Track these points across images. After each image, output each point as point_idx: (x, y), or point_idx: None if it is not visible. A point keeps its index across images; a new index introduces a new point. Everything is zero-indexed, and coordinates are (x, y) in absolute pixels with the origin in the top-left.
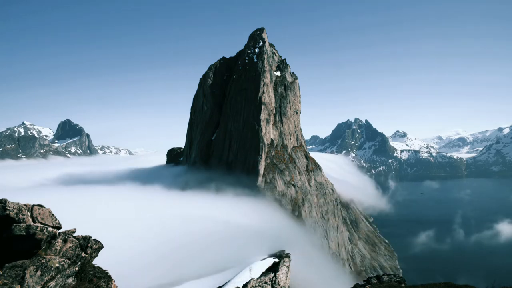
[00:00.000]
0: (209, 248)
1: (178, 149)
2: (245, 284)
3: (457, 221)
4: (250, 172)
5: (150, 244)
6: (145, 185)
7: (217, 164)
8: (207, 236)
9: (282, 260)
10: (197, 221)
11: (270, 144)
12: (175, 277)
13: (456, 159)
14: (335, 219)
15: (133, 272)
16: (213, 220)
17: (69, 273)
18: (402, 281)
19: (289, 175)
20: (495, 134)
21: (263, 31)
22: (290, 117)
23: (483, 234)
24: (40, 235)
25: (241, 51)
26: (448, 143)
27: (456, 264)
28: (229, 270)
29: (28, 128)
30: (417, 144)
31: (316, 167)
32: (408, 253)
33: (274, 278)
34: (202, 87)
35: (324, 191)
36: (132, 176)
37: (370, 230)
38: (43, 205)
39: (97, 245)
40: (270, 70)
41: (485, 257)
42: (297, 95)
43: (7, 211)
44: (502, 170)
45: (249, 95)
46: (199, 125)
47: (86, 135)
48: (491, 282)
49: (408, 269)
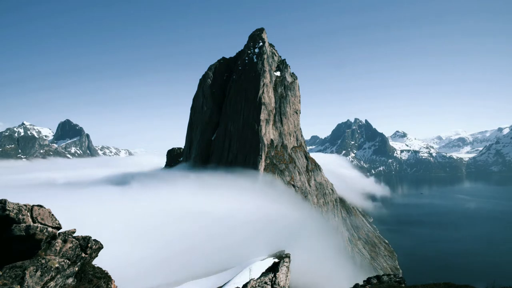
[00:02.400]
0: (208, 248)
1: (178, 149)
2: (245, 284)
3: (457, 221)
4: (250, 172)
5: (149, 244)
6: (145, 185)
7: (217, 164)
8: (206, 236)
9: (282, 260)
10: (196, 221)
11: (270, 144)
12: (175, 277)
13: (456, 159)
14: (335, 219)
15: (132, 272)
16: (213, 220)
17: (69, 273)
18: (402, 281)
19: (289, 175)
20: (495, 134)
21: (263, 31)
22: (290, 117)
23: (483, 234)
24: (40, 236)
25: (241, 51)
26: (448, 143)
27: (456, 264)
28: (229, 270)
29: (28, 128)
30: (417, 144)
31: (316, 167)
32: (408, 253)
33: (274, 278)
34: (202, 87)
35: (324, 191)
36: (132, 176)
37: (370, 230)
38: (43, 206)
39: (97, 245)
40: (270, 70)
41: (485, 257)
42: (297, 95)
43: (7, 211)
44: (502, 170)
45: (249, 95)
46: (199, 125)
47: (86, 135)
48: (491, 282)
49: (408, 269)
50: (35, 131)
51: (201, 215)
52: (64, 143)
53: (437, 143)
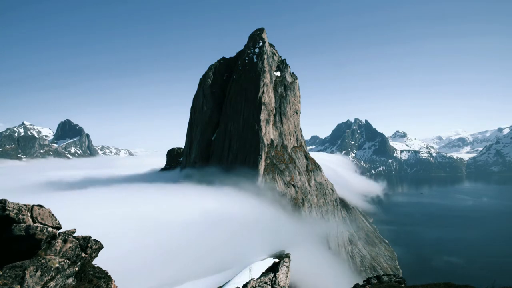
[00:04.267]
0: (208, 248)
1: (178, 149)
2: (245, 284)
3: (457, 221)
4: (250, 172)
5: (149, 244)
6: (145, 185)
7: (217, 164)
8: (206, 236)
9: (282, 260)
10: (196, 221)
11: (270, 144)
12: (175, 277)
13: (456, 159)
14: (335, 219)
15: (133, 273)
16: (213, 220)
17: (69, 273)
18: (402, 281)
19: (289, 175)
20: (495, 134)
21: (263, 31)
22: (290, 117)
23: (483, 234)
24: (40, 235)
25: (241, 51)
26: (448, 143)
27: (456, 264)
28: (229, 270)
29: (28, 128)
30: (417, 144)
31: (316, 167)
32: (408, 253)
33: (274, 278)
34: (202, 87)
35: (324, 191)
36: (132, 176)
37: (370, 230)
38: (43, 205)
39: (97, 245)
40: (270, 70)
41: (485, 257)
42: (297, 95)
43: (7, 211)
44: (502, 171)
45: (249, 95)
46: (199, 125)
47: (86, 135)
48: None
49: (408, 269)
50: (35, 131)
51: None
52: (64, 143)
53: (437, 143)
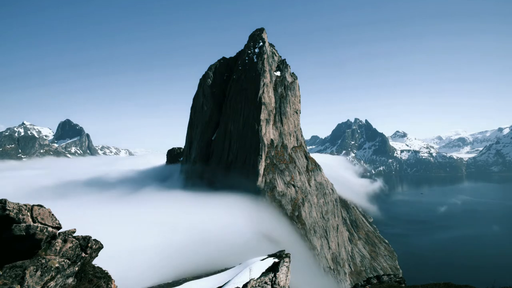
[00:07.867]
0: (209, 248)
1: (178, 149)
2: (245, 284)
3: (457, 221)
4: (250, 172)
5: (149, 244)
6: (144, 185)
7: (217, 164)
8: (207, 236)
9: (282, 260)
10: (197, 221)
11: (270, 144)
12: (175, 277)
13: (456, 159)
14: (335, 219)
15: (133, 272)
16: (213, 220)
17: (69, 273)
18: (402, 281)
19: (289, 175)
20: (495, 134)
21: (263, 31)
22: (290, 117)
23: (483, 234)
24: (40, 235)
25: (241, 51)
26: (448, 143)
27: (456, 264)
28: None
29: (28, 128)
30: (417, 144)
31: (316, 167)
32: (408, 253)
33: (274, 278)
34: (202, 87)
35: (324, 191)
36: (132, 176)
37: (370, 230)
38: (43, 205)
39: (97, 245)
40: (270, 70)
41: (485, 257)
42: (297, 95)
43: (7, 211)
44: (502, 170)
45: (249, 95)
46: (199, 125)
47: (86, 135)
48: (491, 282)
49: (408, 269)
50: (35, 131)
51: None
52: (64, 143)
53: (437, 143)
